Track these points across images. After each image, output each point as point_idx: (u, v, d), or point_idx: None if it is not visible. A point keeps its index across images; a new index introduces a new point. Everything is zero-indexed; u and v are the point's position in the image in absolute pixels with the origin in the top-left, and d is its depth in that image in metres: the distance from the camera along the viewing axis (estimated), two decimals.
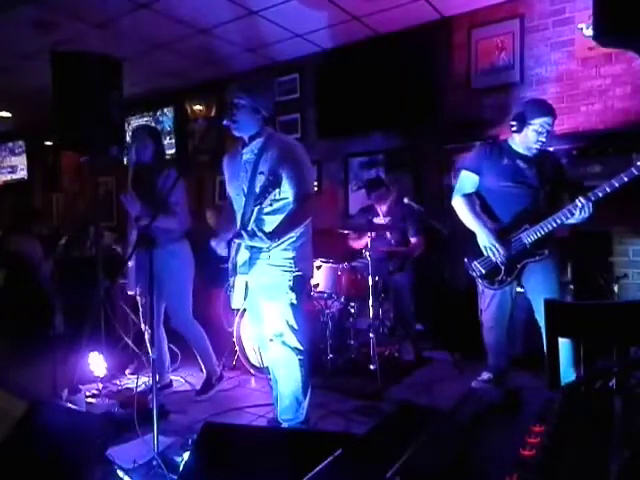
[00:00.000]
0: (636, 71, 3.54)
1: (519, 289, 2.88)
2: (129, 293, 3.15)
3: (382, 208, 3.99)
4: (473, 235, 2.78)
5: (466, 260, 2.85)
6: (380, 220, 3.95)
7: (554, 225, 2.60)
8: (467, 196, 2.83)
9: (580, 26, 3.69)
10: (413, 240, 3.89)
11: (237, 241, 2.30)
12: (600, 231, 3.44)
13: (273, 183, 2.16)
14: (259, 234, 2.16)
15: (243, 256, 2.31)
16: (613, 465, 0.58)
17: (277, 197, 2.25)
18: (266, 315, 2.38)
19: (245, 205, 2.30)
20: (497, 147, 2.84)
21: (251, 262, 2.30)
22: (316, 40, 4.71)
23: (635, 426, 0.67)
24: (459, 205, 2.84)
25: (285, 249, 2.30)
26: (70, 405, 2.53)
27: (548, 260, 2.68)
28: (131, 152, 3.01)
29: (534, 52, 3.94)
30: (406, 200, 3.71)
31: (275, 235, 2.21)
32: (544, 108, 2.66)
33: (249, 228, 2.22)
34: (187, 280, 3.13)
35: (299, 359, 2.34)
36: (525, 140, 2.69)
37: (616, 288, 3.30)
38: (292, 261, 2.30)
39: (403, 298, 3.84)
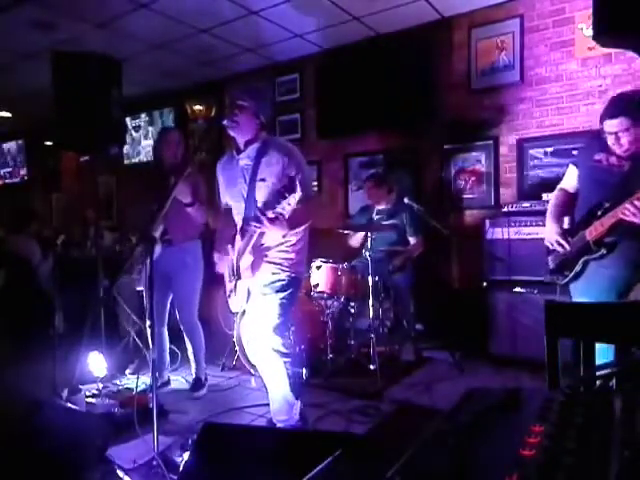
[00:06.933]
0: (636, 71, 3.54)
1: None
2: (137, 289, 3.18)
3: (382, 207, 4.00)
4: None
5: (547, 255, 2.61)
6: (379, 219, 3.95)
7: (617, 218, 2.13)
8: (561, 190, 2.61)
9: (580, 26, 3.70)
10: (413, 240, 3.89)
11: (254, 225, 2.15)
12: None
13: (288, 188, 2.03)
14: (280, 218, 2.07)
15: (246, 260, 2.27)
16: (613, 465, 0.58)
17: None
18: (255, 315, 2.36)
19: (246, 209, 2.29)
20: (597, 142, 2.36)
21: (253, 266, 2.27)
22: (316, 40, 4.71)
23: (635, 426, 0.67)
24: (552, 197, 2.64)
25: (285, 250, 2.30)
26: (70, 405, 2.54)
27: (607, 260, 2.26)
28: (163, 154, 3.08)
29: (534, 52, 3.94)
30: (406, 200, 3.71)
31: (294, 223, 2.17)
32: (610, 108, 2.23)
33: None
34: (197, 278, 3.19)
35: (284, 362, 2.32)
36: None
37: None
38: (290, 262, 2.31)
39: (403, 298, 3.84)
